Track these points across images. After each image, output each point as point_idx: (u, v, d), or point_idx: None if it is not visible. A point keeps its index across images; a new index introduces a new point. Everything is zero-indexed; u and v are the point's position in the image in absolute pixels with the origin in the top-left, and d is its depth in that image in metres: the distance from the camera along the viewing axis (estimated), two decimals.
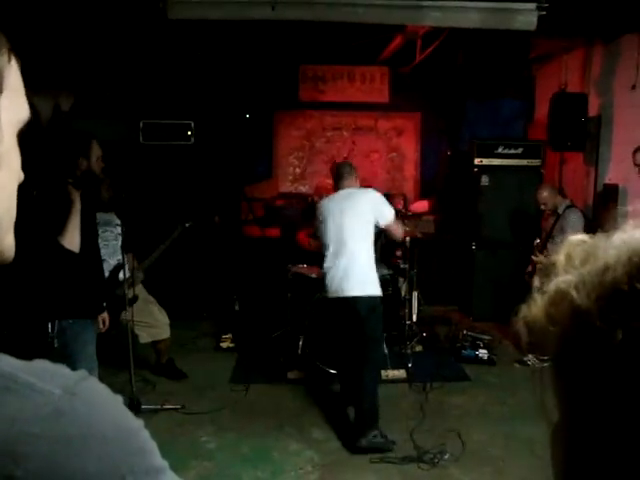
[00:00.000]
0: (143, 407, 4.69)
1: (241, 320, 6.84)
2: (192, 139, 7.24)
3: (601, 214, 6.76)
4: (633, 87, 6.24)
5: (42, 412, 0.56)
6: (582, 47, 7.29)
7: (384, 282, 6.07)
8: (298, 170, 9.26)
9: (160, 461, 0.63)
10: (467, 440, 4.43)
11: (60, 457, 0.55)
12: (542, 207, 6.26)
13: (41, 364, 0.61)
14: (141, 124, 7.16)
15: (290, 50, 7.64)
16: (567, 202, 6.23)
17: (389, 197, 8.71)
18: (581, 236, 0.60)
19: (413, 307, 6.14)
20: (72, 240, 3.38)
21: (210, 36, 6.53)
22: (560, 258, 0.59)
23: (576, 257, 0.57)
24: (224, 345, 6.30)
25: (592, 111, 6.90)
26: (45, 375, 0.59)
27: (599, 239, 0.58)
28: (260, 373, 5.66)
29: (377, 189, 5.30)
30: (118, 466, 0.58)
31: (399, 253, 6.54)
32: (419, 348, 6.17)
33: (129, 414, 0.63)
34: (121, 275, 4.88)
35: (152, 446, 0.63)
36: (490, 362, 5.92)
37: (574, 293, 0.53)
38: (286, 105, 8.84)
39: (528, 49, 7.66)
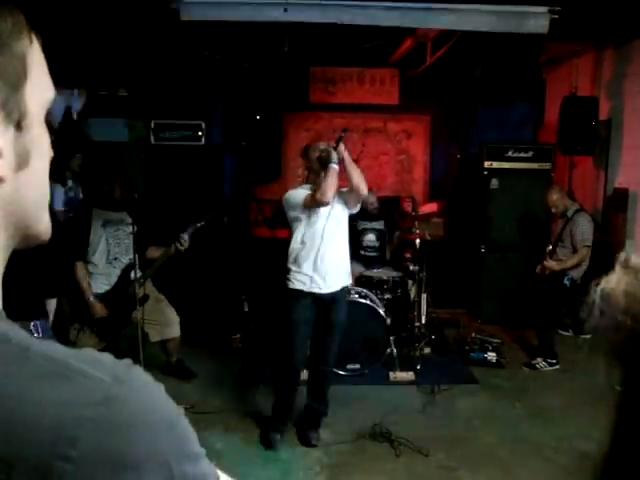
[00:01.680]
0: None
1: (250, 320, 6.85)
2: (203, 139, 7.27)
3: (611, 218, 6.76)
4: None
5: (95, 398, 0.58)
6: (593, 51, 7.28)
7: (393, 284, 6.11)
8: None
9: (198, 447, 0.66)
10: (475, 443, 4.43)
11: (111, 441, 0.57)
12: (553, 210, 6.25)
13: (90, 352, 0.64)
14: (152, 124, 7.18)
15: (300, 52, 7.65)
16: (576, 206, 6.21)
17: (398, 199, 8.76)
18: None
19: (422, 309, 6.14)
20: None
21: (222, 37, 6.56)
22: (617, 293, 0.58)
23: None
24: (233, 345, 6.31)
25: (602, 115, 6.90)
26: (95, 363, 0.62)
27: None
28: (269, 373, 5.67)
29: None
30: (163, 451, 0.61)
31: (408, 255, 6.55)
32: (427, 350, 6.16)
33: (172, 402, 0.65)
34: (132, 274, 4.93)
35: (192, 433, 0.66)
36: (498, 365, 5.91)
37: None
38: (296, 107, 8.87)
39: (539, 52, 7.65)
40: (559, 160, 7.49)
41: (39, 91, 0.69)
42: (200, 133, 7.30)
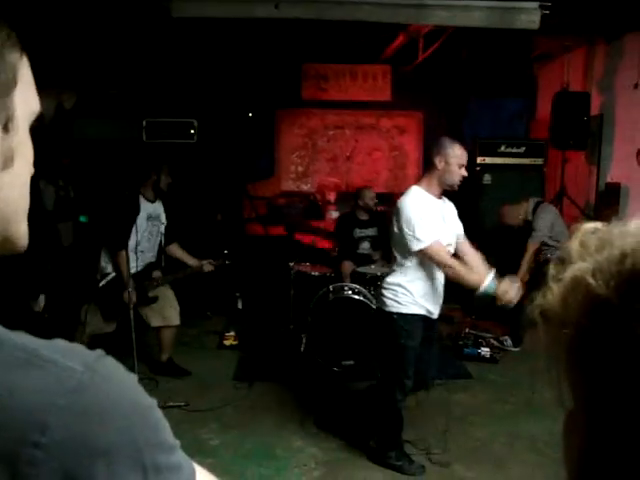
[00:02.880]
0: None
1: (244, 318, 6.86)
2: (195, 137, 7.25)
3: (603, 213, 6.78)
4: (635, 86, 6.25)
5: (66, 386, 0.60)
6: (584, 46, 7.30)
7: None
8: (300, 168, 9.27)
9: (172, 439, 0.67)
10: (469, 437, 4.45)
11: (82, 428, 0.59)
12: (517, 226, 6.31)
13: (61, 343, 0.64)
14: (144, 122, 7.17)
15: (293, 48, 7.65)
16: (531, 203, 6.26)
17: (392, 196, 8.77)
18: (594, 223, 0.59)
19: None
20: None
21: (213, 34, 6.54)
22: (574, 245, 0.58)
23: (591, 244, 0.56)
24: (227, 343, 6.31)
25: (594, 110, 6.92)
26: (67, 352, 0.63)
27: (613, 226, 0.57)
28: (263, 370, 5.68)
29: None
30: (135, 439, 0.62)
31: None
32: None
33: (144, 392, 0.67)
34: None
35: (165, 424, 0.67)
36: (492, 360, 5.93)
37: (591, 280, 0.52)
38: (288, 103, 8.86)
39: (530, 48, 7.68)
40: (551, 155, 7.51)
41: (26, 101, 0.73)
42: (192, 131, 7.29)
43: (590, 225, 0.59)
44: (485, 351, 5.98)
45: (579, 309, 0.53)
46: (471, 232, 7.41)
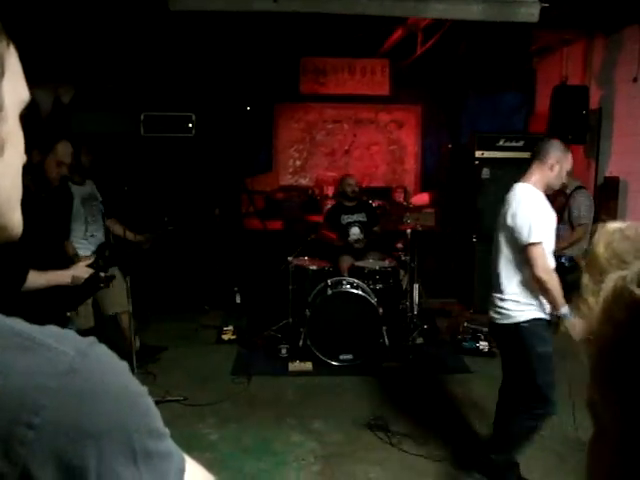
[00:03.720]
0: None
1: (242, 312, 6.86)
2: (193, 131, 7.23)
3: (602, 207, 6.77)
4: (634, 80, 6.24)
5: (58, 369, 0.61)
6: (583, 39, 7.28)
7: (385, 274, 6.12)
8: (298, 162, 9.26)
9: (162, 427, 0.68)
10: (467, 431, 4.45)
11: (74, 410, 0.60)
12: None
13: (54, 328, 0.66)
14: (142, 116, 7.14)
15: (291, 42, 7.62)
16: (577, 183, 6.21)
17: (390, 190, 8.78)
18: (615, 225, 0.56)
19: (414, 299, 6.15)
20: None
21: (211, 28, 6.52)
22: (600, 250, 0.55)
23: (625, 251, 0.53)
24: (225, 337, 6.31)
25: (593, 104, 6.90)
26: (60, 337, 0.65)
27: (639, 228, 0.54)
28: (261, 365, 5.68)
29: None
30: (126, 424, 0.63)
31: (400, 245, 6.56)
32: (420, 340, 6.18)
33: (135, 380, 0.68)
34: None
35: (156, 411, 0.68)
36: (490, 354, 5.92)
37: (635, 289, 0.49)
38: (287, 97, 8.84)
39: (529, 42, 7.66)
40: None
41: (15, 90, 0.73)
42: (190, 125, 7.27)
43: (613, 227, 0.56)
44: (483, 345, 5.98)
45: (623, 319, 0.50)
46: (470, 226, 7.47)
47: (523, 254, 3.50)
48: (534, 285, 3.50)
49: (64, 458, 0.59)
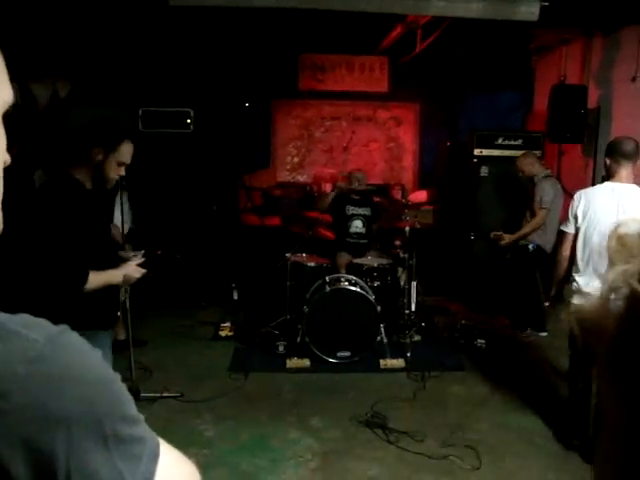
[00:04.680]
0: (142, 395, 4.68)
1: (240, 309, 6.85)
2: (191, 127, 7.22)
3: None
4: (633, 79, 6.24)
5: (27, 355, 0.62)
6: (582, 38, 7.28)
7: (383, 272, 6.12)
8: (296, 159, 9.26)
9: (136, 412, 0.69)
10: (465, 429, 4.45)
11: (43, 396, 0.61)
12: (520, 174, 6.34)
13: (25, 316, 0.66)
14: (140, 112, 7.13)
15: (289, 39, 7.61)
16: (546, 172, 6.28)
17: (388, 187, 8.78)
18: (632, 221, 0.55)
19: (412, 297, 6.15)
20: None
21: (210, 23, 6.50)
22: (612, 244, 0.54)
23: (635, 246, 0.53)
24: (223, 333, 6.30)
25: (591, 103, 6.90)
26: (30, 325, 0.65)
27: None
28: (259, 361, 5.67)
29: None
30: (95, 410, 0.64)
31: (398, 243, 6.56)
32: (417, 337, 6.18)
33: (107, 366, 0.68)
34: None
35: (128, 397, 0.69)
36: (487, 352, 5.94)
37: (635, 284, 0.49)
38: (285, 94, 8.83)
39: (529, 40, 7.66)
40: (548, 148, 7.50)
41: None
42: (188, 120, 7.25)
43: (630, 222, 0.55)
44: (481, 343, 5.99)
45: (623, 315, 0.50)
46: (468, 224, 7.47)
47: None
48: None
49: (33, 443, 0.59)
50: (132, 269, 3.19)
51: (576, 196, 4.17)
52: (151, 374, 5.30)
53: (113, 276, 3.09)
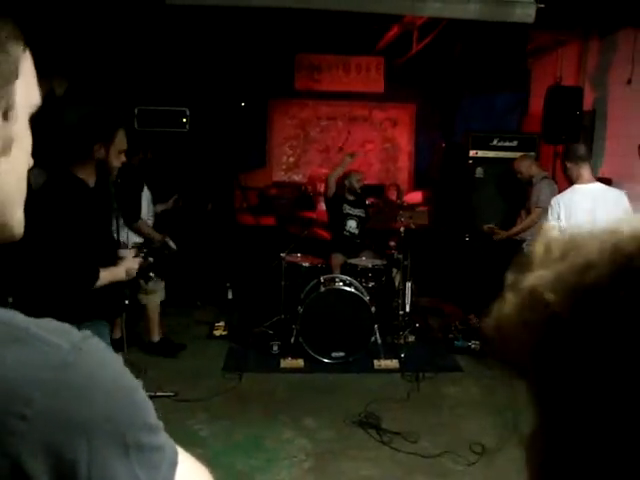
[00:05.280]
0: None
1: (234, 308, 6.84)
2: (187, 126, 7.20)
3: None
4: (628, 81, 6.25)
5: (52, 362, 0.62)
6: (578, 40, 7.29)
7: (378, 272, 6.12)
8: (292, 159, 9.26)
9: (156, 420, 0.69)
10: (459, 430, 4.46)
11: (66, 403, 0.61)
12: (518, 176, 6.36)
13: (49, 321, 0.67)
14: (136, 110, 7.11)
15: (286, 39, 7.60)
16: (544, 174, 6.30)
17: (383, 188, 8.78)
18: (558, 225, 0.55)
19: (406, 298, 6.16)
20: None
21: (207, 23, 6.49)
22: (538, 248, 0.53)
23: (556, 249, 0.51)
24: (217, 333, 6.30)
25: (587, 105, 6.91)
26: (54, 330, 0.65)
27: (577, 231, 0.51)
28: (253, 361, 5.67)
29: None
30: (117, 417, 0.64)
31: (393, 243, 6.57)
32: (412, 338, 6.19)
33: (129, 373, 0.69)
34: None
35: (149, 405, 0.69)
36: (482, 353, 5.94)
37: (550, 296, 0.47)
38: (281, 94, 8.83)
39: (525, 42, 7.66)
40: (544, 149, 7.51)
41: (27, 93, 0.76)
42: (184, 120, 7.24)
43: (555, 226, 0.54)
44: (476, 344, 6.00)
45: (537, 326, 0.48)
46: (463, 225, 7.47)
47: None
48: None
49: (55, 450, 0.59)
50: (130, 262, 3.31)
51: (554, 202, 4.42)
52: (145, 373, 5.28)
53: (118, 272, 3.22)
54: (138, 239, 5.39)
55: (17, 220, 0.77)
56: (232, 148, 8.21)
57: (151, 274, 3.84)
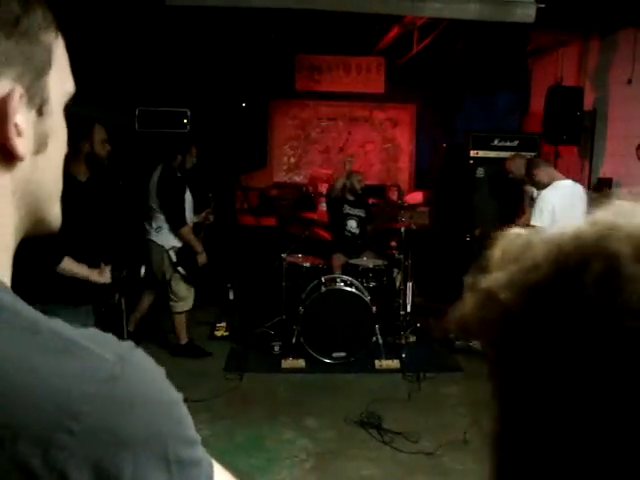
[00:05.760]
0: None
1: (235, 309, 6.84)
2: (188, 127, 7.21)
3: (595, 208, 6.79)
4: (629, 81, 6.25)
5: (98, 375, 0.60)
6: (578, 40, 7.29)
7: (379, 272, 6.13)
8: (293, 160, 9.26)
9: (194, 433, 0.69)
10: (460, 430, 4.45)
11: (113, 418, 0.60)
12: (510, 176, 6.35)
13: (94, 332, 0.66)
14: (137, 111, 7.12)
15: (286, 39, 7.61)
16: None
17: (384, 188, 8.79)
18: (517, 229, 0.56)
19: (407, 298, 6.16)
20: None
21: (207, 23, 6.50)
22: (496, 252, 0.55)
23: (511, 252, 0.53)
24: (218, 334, 6.30)
25: (587, 105, 6.92)
26: (100, 342, 0.64)
27: (537, 231, 0.54)
28: (254, 362, 5.67)
29: None
30: (161, 432, 0.63)
31: (394, 244, 6.57)
32: (413, 338, 6.20)
33: (172, 386, 0.68)
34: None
35: (189, 418, 0.69)
36: (483, 353, 5.93)
37: (503, 294, 0.50)
38: (282, 94, 8.84)
39: (526, 42, 7.66)
40: (544, 149, 7.51)
41: (61, 82, 0.74)
42: (185, 121, 7.24)
43: (516, 230, 0.56)
44: (476, 344, 5.98)
45: (493, 325, 0.51)
46: (464, 225, 7.47)
47: None
48: None
49: (101, 465, 0.59)
50: (95, 276, 3.59)
51: (540, 199, 4.80)
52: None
53: (84, 272, 3.52)
54: (175, 243, 5.58)
55: (54, 215, 0.77)
56: (233, 149, 8.22)
57: (180, 269, 4.97)
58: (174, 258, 5.56)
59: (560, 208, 4.56)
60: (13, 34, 0.66)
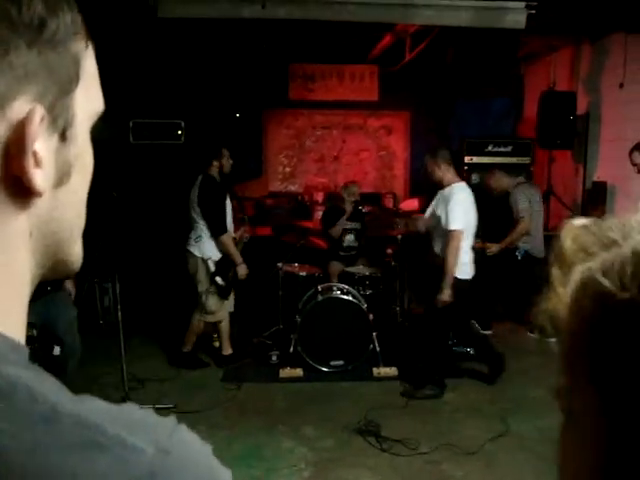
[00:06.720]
0: None
1: (233, 319, 6.82)
2: (182, 138, 7.22)
3: (590, 212, 6.82)
4: (621, 85, 6.29)
5: (135, 473, 0.51)
6: (570, 46, 7.34)
7: (375, 280, 6.12)
8: (288, 169, 9.27)
9: None
10: (459, 436, 4.45)
11: None
12: (494, 193, 6.42)
13: (130, 411, 0.56)
14: (131, 124, 7.13)
15: (280, 49, 7.64)
16: (516, 181, 6.40)
17: (379, 196, 8.80)
18: (581, 220, 0.56)
19: (404, 305, 6.16)
20: None
21: (200, 34, 6.52)
22: (567, 244, 0.55)
23: (591, 244, 0.54)
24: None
25: (580, 109, 6.95)
26: (135, 427, 0.54)
27: (606, 223, 0.55)
28: (252, 372, 5.66)
29: None
30: None
31: (390, 251, 6.57)
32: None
33: (220, 466, 0.58)
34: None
35: None
36: (480, 358, 5.93)
37: (604, 281, 0.49)
38: (276, 104, 8.85)
39: (517, 48, 7.70)
40: (538, 154, 7.54)
41: (89, 100, 0.62)
42: (179, 132, 7.26)
43: (579, 222, 0.57)
44: (473, 350, 5.98)
45: (592, 311, 0.51)
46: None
47: None
48: None
49: None
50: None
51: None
52: (143, 385, 5.28)
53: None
54: (214, 253, 5.56)
55: (76, 255, 0.65)
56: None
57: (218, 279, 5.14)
58: (212, 268, 5.53)
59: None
60: (36, 42, 0.54)
